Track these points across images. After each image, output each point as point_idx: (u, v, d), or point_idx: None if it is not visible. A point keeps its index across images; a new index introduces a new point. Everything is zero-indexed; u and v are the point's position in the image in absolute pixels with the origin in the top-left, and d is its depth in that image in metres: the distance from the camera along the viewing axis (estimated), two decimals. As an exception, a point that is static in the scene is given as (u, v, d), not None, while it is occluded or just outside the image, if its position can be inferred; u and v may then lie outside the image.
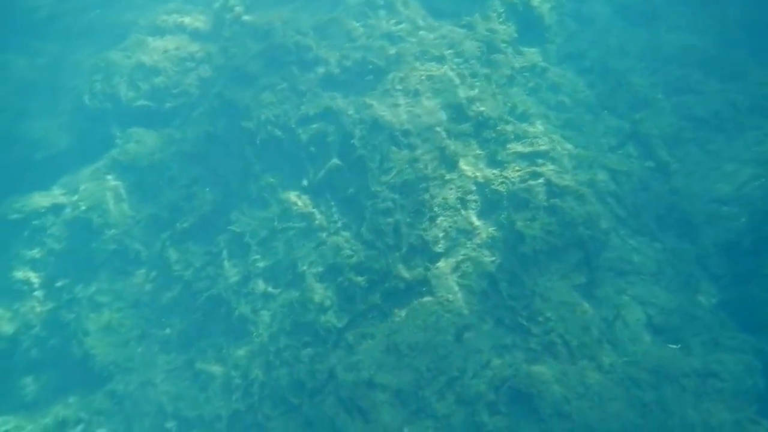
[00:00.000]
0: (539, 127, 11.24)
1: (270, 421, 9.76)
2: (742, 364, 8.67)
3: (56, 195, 13.08)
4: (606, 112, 11.80)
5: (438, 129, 11.03)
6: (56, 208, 12.85)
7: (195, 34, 14.32)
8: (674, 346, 8.96)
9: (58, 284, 12.06)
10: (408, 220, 10.23)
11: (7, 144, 14.36)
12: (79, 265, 12.10)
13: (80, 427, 10.66)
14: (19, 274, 12.44)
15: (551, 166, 10.42)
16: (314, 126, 11.72)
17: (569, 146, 10.98)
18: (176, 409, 10.37)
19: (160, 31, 14.62)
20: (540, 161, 10.51)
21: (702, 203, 10.33)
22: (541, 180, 10.09)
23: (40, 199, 13.04)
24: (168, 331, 11.13)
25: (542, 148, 10.68)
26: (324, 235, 10.83)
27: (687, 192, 10.47)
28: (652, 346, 8.95)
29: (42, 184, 13.47)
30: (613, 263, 9.74)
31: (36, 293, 12.28)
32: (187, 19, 14.84)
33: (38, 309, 12.09)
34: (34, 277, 12.39)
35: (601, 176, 10.59)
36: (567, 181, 10.10)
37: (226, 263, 11.21)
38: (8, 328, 12.14)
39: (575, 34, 13.11)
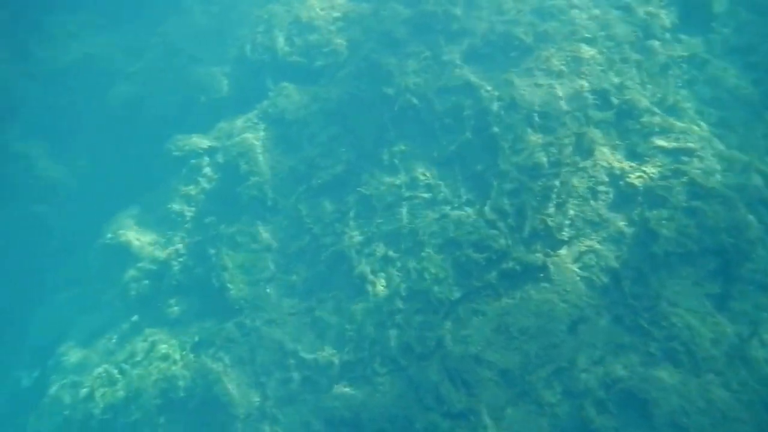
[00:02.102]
0: (689, 122, 9.43)
1: (377, 377, 9.15)
2: None
3: (212, 138, 12.97)
4: (770, 113, 9.84)
5: (577, 114, 9.65)
6: (211, 151, 12.75)
7: (352, -7, 13.51)
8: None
9: (206, 220, 11.92)
10: (534, 203, 9.05)
11: (179, 86, 14.53)
12: (225, 205, 11.85)
13: (212, 350, 10.52)
14: (176, 207, 12.59)
15: (698, 165, 8.71)
16: (452, 98, 10.60)
17: (721, 146, 9.10)
18: (295, 350, 9.93)
19: (319, -12, 13.99)
20: (685, 159, 8.82)
21: None
22: (684, 179, 8.51)
23: (199, 141, 13.01)
24: (294, 277, 10.61)
25: (690, 145, 8.94)
26: (447, 208, 9.83)
27: None
28: (793, 373, 7.44)
29: (202, 127, 13.43)
30: (755, 276, 7.97)
31: (187, 225, 12.36)
32: (346, -22, 14.14)
33: (187, 240, 12.16)
34: (187, 211, 12.45)
35: (755, 182, 8.65)
36: (714, 183, 8.45)
37: (352, 222, 10.47)
38: (162, 253, 12.41)
39: (746, 25, 10.66)
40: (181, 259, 11.95)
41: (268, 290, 10.74)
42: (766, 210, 8.42)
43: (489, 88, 10.36)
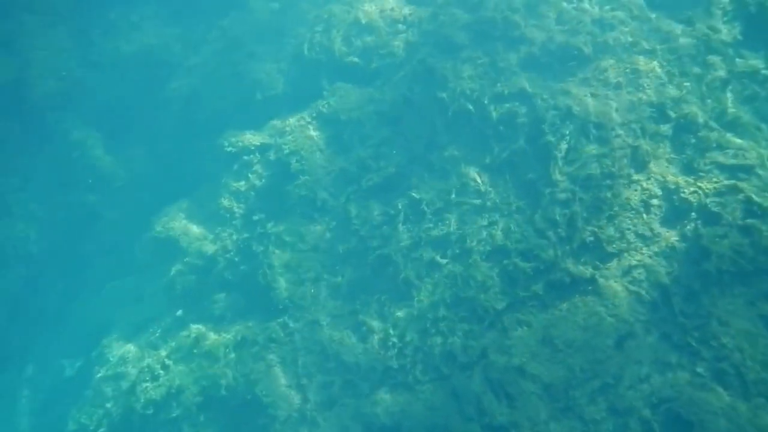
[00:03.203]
0: (748, 139, 9.46)
1: (419, 384, 9.53)
2: None
3: (265, 135, 13.33)
4: (836, 133, 9.82)
5: (633, 126, 9.82)
6: (263, 148, 13.14)
7: (413, -4, 13.76)
8: None
9: (255, 218, 12.36)
10: (585, 214, 9.31)
11: (236, 80, 14.87)
12: (274, 203, 12.27)
13: (255, 349, 10.93)
14: (225, 202, 12.98)
15: (755, 183, 8.79)
16: (506, 105, 10.82)
17: (783, 164, 9.34)
18: (337, 353, 10.34)
19: (382, -10, 14.20)
20: (743, 176, 8.91)
21: None
22: (740, 196, 8.60)
23: (252, 138, 13.42)
24: (339, 279, 11.01)
25: (748, 162, 9.01)
26: (497, 215, 10.14)
27: None
28: None
29: (256, 123, 13.80)
30: (812, 299, 8.16)
31: (235, 222, 12.76)
32: (408, -21, 14.37)
33: (235, 237, 12.57)
34: (236, 207, 12.86)
35: (814, 202, 8.87)
36: (771, 202, 8.63)
37: (400, 226, 10.81)
38: (210, 248, 12.85)
39: None
40: (227, 256, 12.37)
41: (312, 291, 11.10)
42: (826, 231, 8.58)
43: (545, 96, 10.58)
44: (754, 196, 8.58)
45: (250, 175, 12.96)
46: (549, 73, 11.00)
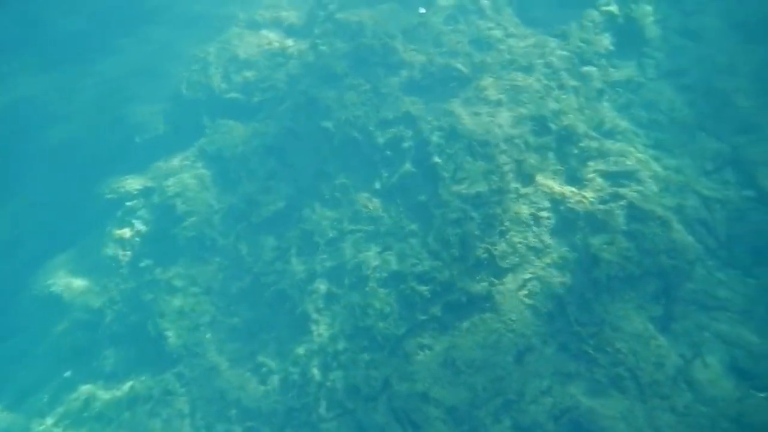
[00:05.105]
0: (627, 145, 9.93)
1: (323, 422, 9.21)
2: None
3: (148, 179, 13.02)
4: (704, 134, 10.16)
5: (517, 141, 10.08)
6: (147, 192, 12.80)
7: (289, 30, 13.83)
8: (762, 395, 7.61)
9: (142, 264, 11.92)
10: (477, 232, 9.37)
11: (115, 125, 14.58)
12: (161, 248, 11.90)
13: (149, 405, 10.41)
14: (110, 251, 12.44)
15: (636, 188, 9.20)
16: (392, 130, 10.98)
17: (658, 168, 9.63)
18: (237, 399, 9.94)
19: (257, 25, 14.24)
20: (624, 182, 9.32)
21: (807, 239, 8.84)
22: (622, 202, 8.97)
23: (134, 182, 13.04)
24: (235, 320, 10.71)
25: (628, 168, 9.46)
26: (391, 240, 10.11)
27: (791, 226, 8.99)
28: (735, 392, 7.67)
29: (137, 167, 13.47)
30: (696, 296, 8.41)
31: (122, 271, 12.23)
32: (283, 14, 14.45)
33: (122, 286, 12.06)
34: (121, 256, 12.34)
35: (692, 202, 9.19)
36: (652, 205, 8.91)
37: (294, 259, 10.65)
38: (96, 302, 12.24)
39: (679, 50, 11.33)
40: (115, 307, 11.83)
41: (208, 336, 10.73)
42: (704, 230, 8.92)
43: (429, 118, 10.76)
44: (635, 201, 8.93)
45: (134, 221, 12.53)
46: (431, 95, 11.21)
